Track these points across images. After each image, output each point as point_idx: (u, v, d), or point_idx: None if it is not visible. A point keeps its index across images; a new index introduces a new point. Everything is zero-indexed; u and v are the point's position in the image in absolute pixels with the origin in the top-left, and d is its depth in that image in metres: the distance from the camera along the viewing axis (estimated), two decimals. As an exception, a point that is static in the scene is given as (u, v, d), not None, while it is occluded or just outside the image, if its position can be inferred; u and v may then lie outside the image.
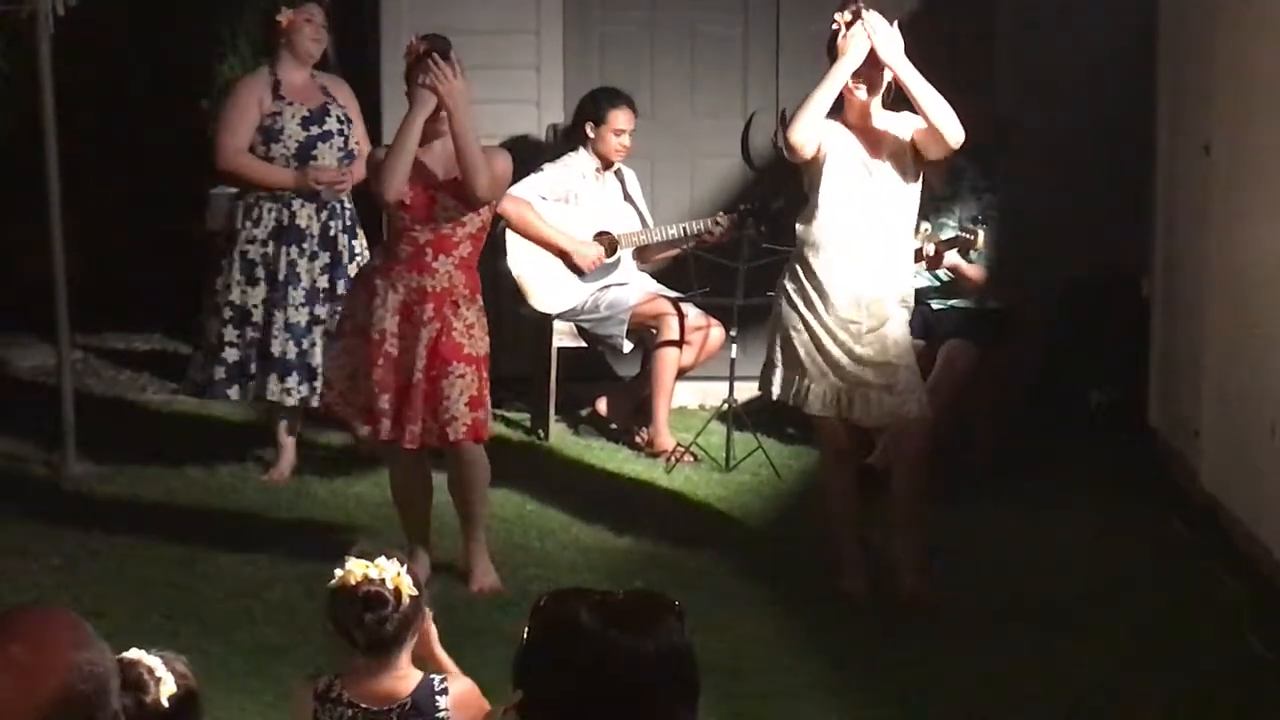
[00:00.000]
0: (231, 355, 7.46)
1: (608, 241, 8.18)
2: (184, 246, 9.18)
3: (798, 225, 6.30)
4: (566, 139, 8.41)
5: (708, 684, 2.48)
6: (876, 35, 6.06)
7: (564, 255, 8.08)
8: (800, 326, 6.22)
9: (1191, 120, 7.40)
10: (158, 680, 3.19)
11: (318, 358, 7.34)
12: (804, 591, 6.47)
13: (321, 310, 7.44)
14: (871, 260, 6.19)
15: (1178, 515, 7.15)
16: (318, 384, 7.25)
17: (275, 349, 7.41)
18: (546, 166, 8.18)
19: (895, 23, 6.16)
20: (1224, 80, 6.93)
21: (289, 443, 7.66)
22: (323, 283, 7.46)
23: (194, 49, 8.90)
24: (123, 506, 7.22)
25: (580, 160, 8.20)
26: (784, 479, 7.72)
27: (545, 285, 8.14)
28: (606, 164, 8.22)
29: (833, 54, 6.16)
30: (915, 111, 6.15)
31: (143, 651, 3.23)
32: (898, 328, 6.26)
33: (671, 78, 8.82)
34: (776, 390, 6.35)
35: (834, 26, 6.16)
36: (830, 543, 6.51)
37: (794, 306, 6.23)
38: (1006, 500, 7.31)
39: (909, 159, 6.23)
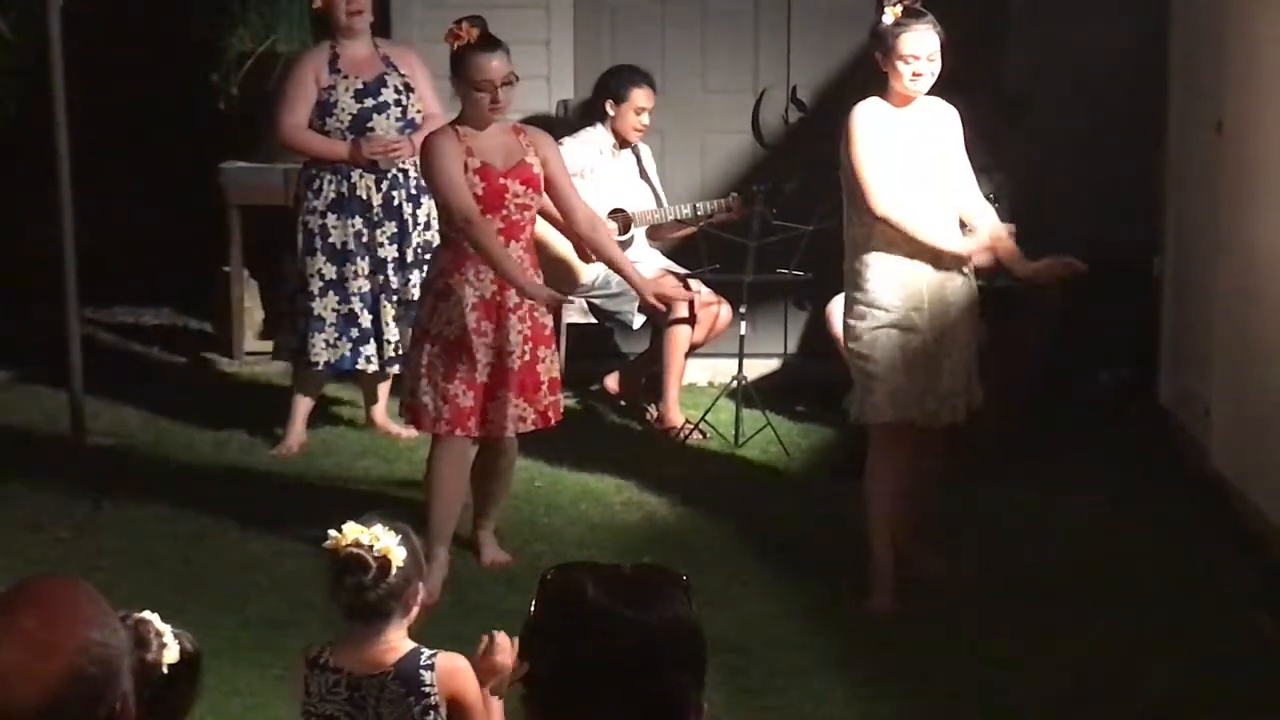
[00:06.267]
0: (300, 323, 7.54)
1: (622, 219, 8.17)
2: (193, 221, 9.17)
3: (857, 233, 6.03)
4: (584, 114, 8.38)
5: (715, 660, 2.48)
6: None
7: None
8: (887, 329, 6.01)
9: (1204, 98, 7.37)
10: (163, 645, 3.18)
11: (393, 328, 7.41)
12: (811, 569, 6.46)
13: (395, 279, 7.45)
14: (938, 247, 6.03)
15: (1187, 494, 7.14)
16: (386, 353, 7.40)
17: (362, 320, 7.46)
18: (566, 141, 8.15)
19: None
20: (1236, 57, 6.91)
21: (300, 418, 7.67)
22: (392, 252, 7.46)
23: (203, 21, 8.88)
24: (132, 480, 7.22)
25: (597, 136, 8.18)
26: (792, 456, 7.71)
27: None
28: (623, 142, 8.19)
29: (879, 46, 5.98)
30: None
31: (156, 616, 3.23)
32: (968, 317, 6.07)
33: (682, 53, 8.80)
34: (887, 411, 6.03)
35: (885, 19, 5.94)
36: (865, 552, 6.14)
37: (867, 315, 6.02)
38: (1015, 479, 7.30)
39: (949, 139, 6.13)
